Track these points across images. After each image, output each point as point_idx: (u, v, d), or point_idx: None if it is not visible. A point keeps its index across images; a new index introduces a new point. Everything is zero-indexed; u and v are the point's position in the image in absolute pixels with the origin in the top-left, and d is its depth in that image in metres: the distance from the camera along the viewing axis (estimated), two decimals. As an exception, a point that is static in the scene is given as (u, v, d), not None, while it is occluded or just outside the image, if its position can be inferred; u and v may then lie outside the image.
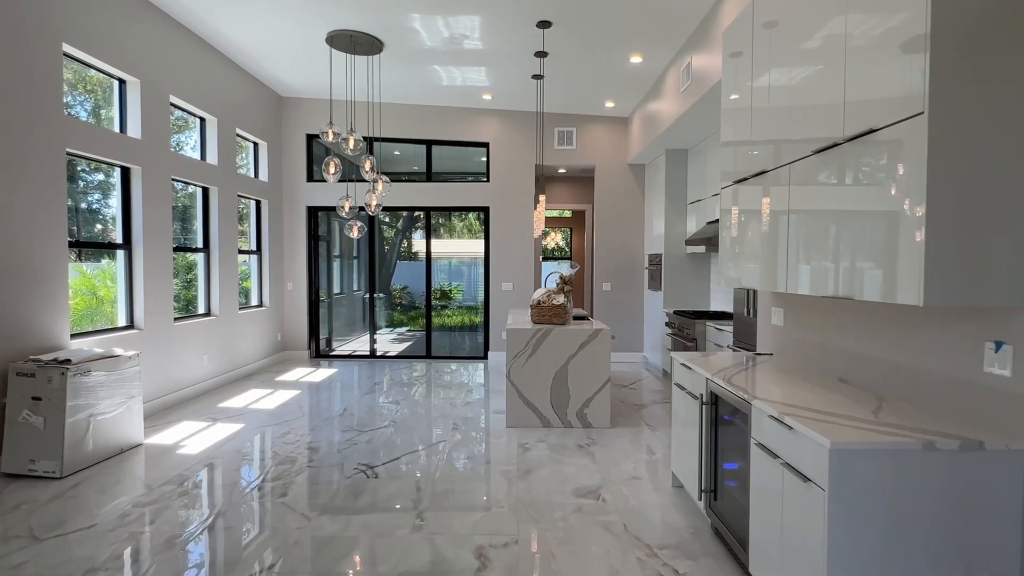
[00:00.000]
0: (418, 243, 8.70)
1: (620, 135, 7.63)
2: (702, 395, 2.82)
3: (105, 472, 3.56)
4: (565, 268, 4.98)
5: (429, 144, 7.77)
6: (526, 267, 7.70)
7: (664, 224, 6.69)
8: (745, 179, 3.00)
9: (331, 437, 4.33)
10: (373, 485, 3.40)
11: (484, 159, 7.79)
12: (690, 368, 3.02)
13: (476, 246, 8.32)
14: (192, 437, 4.30)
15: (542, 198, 4.97)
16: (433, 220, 8.06)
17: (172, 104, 5.36)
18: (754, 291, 4.00)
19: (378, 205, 5.62)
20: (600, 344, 4.57)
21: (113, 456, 3.83)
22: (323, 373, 6.86)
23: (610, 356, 4.59)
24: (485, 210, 7.78)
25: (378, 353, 8.04)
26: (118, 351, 3.99)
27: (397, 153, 8.17)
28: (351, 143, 5.18)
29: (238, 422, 4.72)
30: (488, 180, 7.71)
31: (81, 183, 4.66)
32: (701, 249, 6.09)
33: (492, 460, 3.85)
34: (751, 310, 4.03)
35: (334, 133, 5.16)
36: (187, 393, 5.43)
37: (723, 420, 2.68)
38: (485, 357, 7.85)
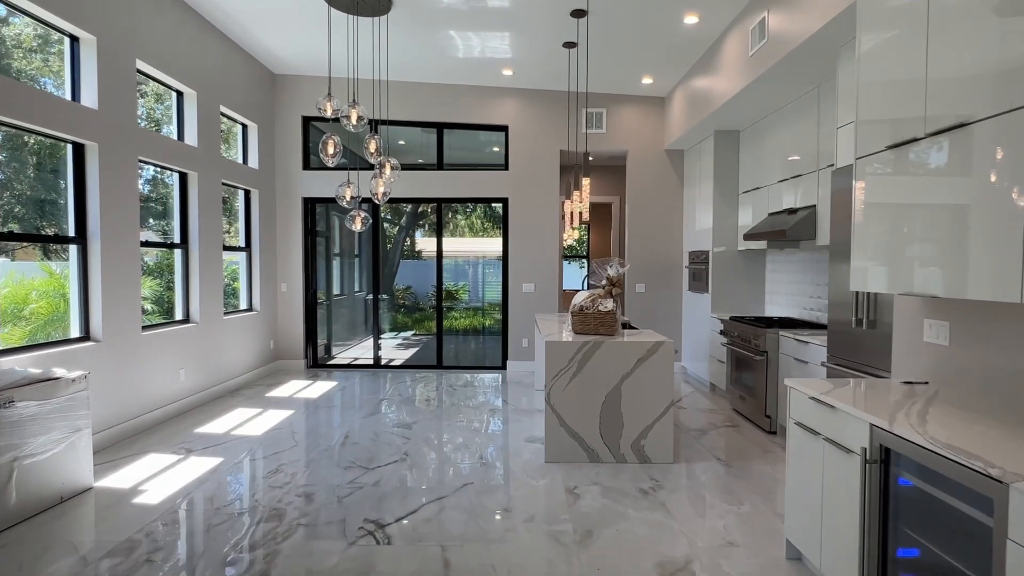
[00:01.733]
0: (422, 241, 7.84)
1: (656, 117, 6.77)
2: (864, 450, 1.96)
3: (31, 535, 2.71)
4: (614, 266, 4.14)
5: (440, 128, 6.91)
6: (549, 266, 6.84)
7: (712, 217, 5.83)
8: (906, 143, 2.14)
9: (330, 477, 3.48)
10: (386, 556, 2.54)
11: (502, 145, 6.93)
12: (832, 407, 2.16)
13: (488, 244, 7.48)
14: (157, 477, 3.45)
15: (586, 182, 4.11)
16: (444, 215, 7.19)
17: (140, 72, 4.50)
18: (871, 295, 3.14)
19: (385, 193, 4.76)
20: (661, 360, 3.71)
21: (49, 509, 2.97)
22: (321, 387, 6.01)
23: (673, 375, 3.73)
24: (503, 202, 6.92)
25: (383, 361, 7.18)
26: (58, 372, 3.13)
27: (403, 143, 7.32)
28: (353, 117, 4.32)
29: (217, 454, 3.86)
30: (507, 168, 6.86)
31: (21, 163, 3.81)
32: (761, 245, 5.24)
33: (537, 514, 2.99)
34: (865, 319, 3.17)
35: (333, 107, 4.30)
36: (158, 416, 4.57)
37: (901, 486, 1.83)
38: (503, 367, 6.99)
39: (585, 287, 5.25)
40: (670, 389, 3.71)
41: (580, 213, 4.73)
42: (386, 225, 7.82)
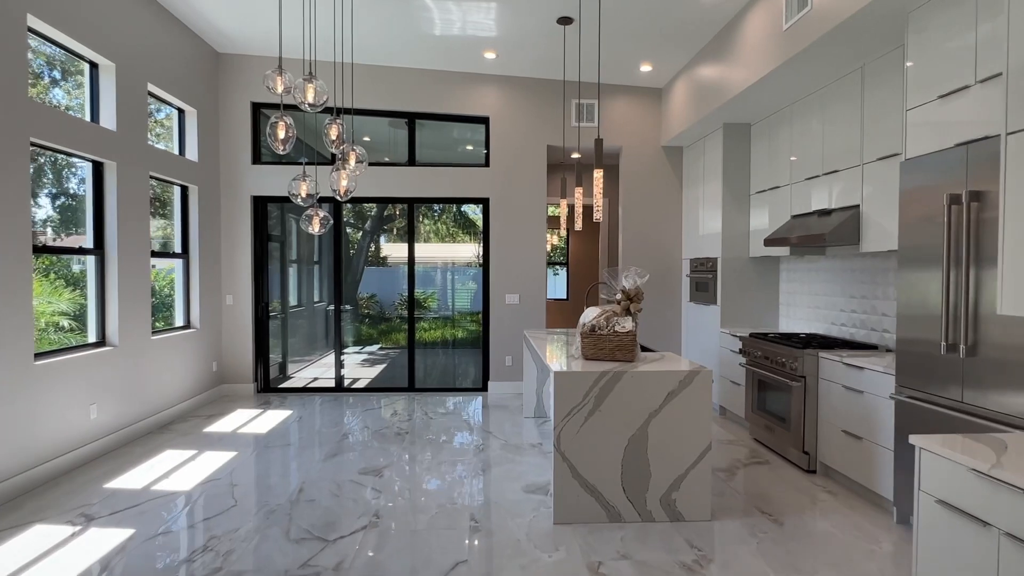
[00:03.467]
0: (388, 247, 6.99)
1: (652, 110, 6.14)
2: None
3: None
4: (631, 276, 3.43)
5: (412, 119, 6.11)
6: (535, 276, 6.11)
7: (721, 220, 5.20)
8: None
9: (276, 556, 2.63)
10: None
11: (482, 139, 6.17)
12: (1017, 487, 1.48)
13: (458, 249, 6.69)
14: (30, 568, 2.54)
15: (597, 175, 3.38)
16: (415, 217, 6.37)
17: (31, 30, 3.57)
18: (970, 311, 2.51)
19: (349, 190, 3.93)
20: (697, 393, 3.01)
21: None
22: (272, 418, 5.10)
23: (711, 411, 3.03)
24: (483, 202, 6.16)
25: (346, 382, 6.30)
26: None
27: (368, 139, 6.49)
28: (309, 95, 3.51)
29: (126, 522, 2.97)
30: (488, 165, 6.10)
31: None
32: (783, 251, 4.62)
33: (558, 611, 2.23)
34: (962, 343, 2.53)
35: (284, 83, 3.47)
36: (57, 467, 3.62)
37: None
38: (484, 388, 6.21)
39: (557, 290, 4.51)
40: (707, 429, 3.01)
41: (592, 208, 4.00)
42: (349, 230, 6.95)
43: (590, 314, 3.44)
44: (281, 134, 3.46)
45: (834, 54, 3.53)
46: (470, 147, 6.33)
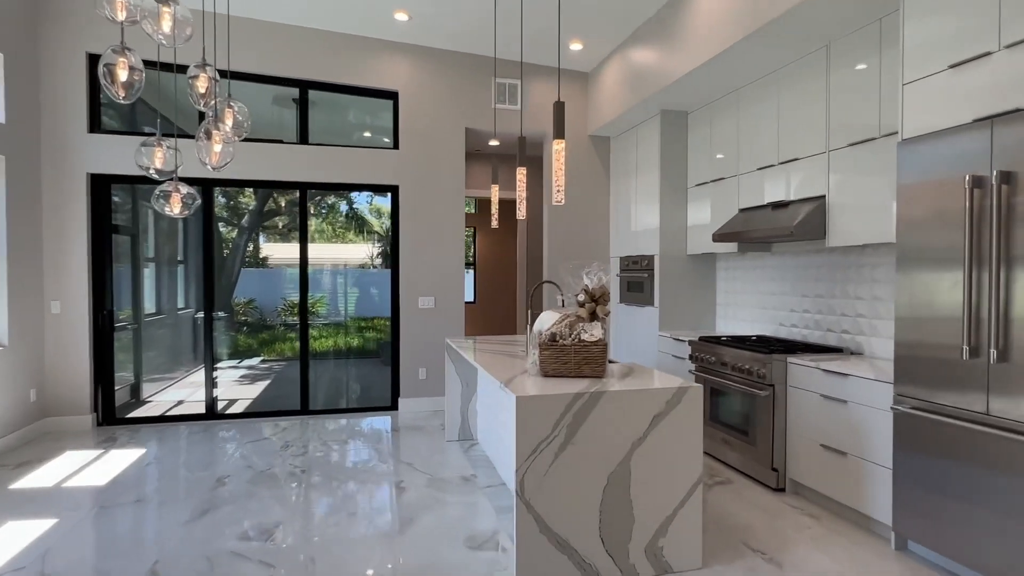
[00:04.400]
0: (269, 246, 5.89)
1: (579, 96, 5.65)
2: None
3: None
4: (594, 272, 2.83)
5: (304, 88, 5.13)
6: (453, 276, 5.37)
7: (659, 215, 4.81)
8: None
9: None
10: None
11: (390, 118, 5.33)
12: None
13: (350, 250, 5.81)
14: None
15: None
16: (306, 205, 5.36)
17: None
18: (1001, 311, 2.18)
19: (224, 160, 2.95)
20: (687, 413, 2.47)
21: None
22: (117, 461, 3.90)
23: (701, 434, 2.50)
24: (392, 190, 5.32)
25: (220, 405, 5.14)
26: None
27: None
28: (166, 22, 2.57)
29: None
30: (396, 147, 5.27)
31: None
32: (728, 248, 4.29)
33: None
34: (993, 347, 2.20)
35: (128, 7, 2.47)
36: None
37: None
38: (393, 406, 5.35)
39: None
40: (697, 457, 2.47)
41: (515, 203, 3.35)
42: (223, 227, 5.76)
43: (547, 320, 2.79)
44: (122, 75, 2.48)
45: (804, 27, 3.18)
46: (371, 132, 5.45)
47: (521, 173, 3.32)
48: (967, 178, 2.27)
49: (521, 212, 3.34)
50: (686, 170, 4.84)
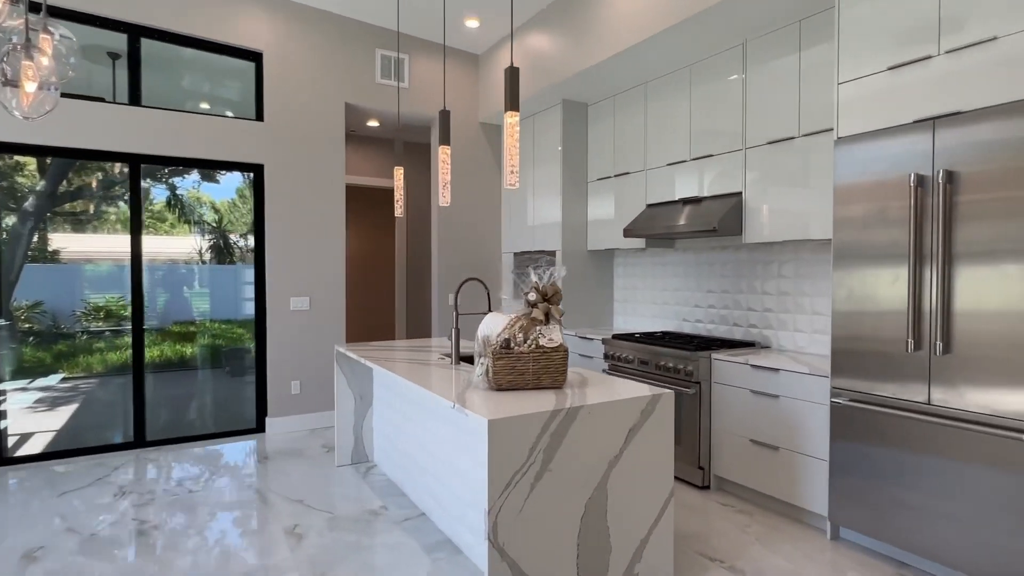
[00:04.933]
0: (62, 237, 4.63)
1: (470, 79, 5.26)
2: None
3: None
4: (544, 268, 2.49)
5: (136, 35, 4.05)
6: (332, 272, 4.67)
7: (561, 210, 4.62)
8: None
9: None
10: None
11: (251, 84, 4.45)
12: None
13: (182, 240, 4.83)
14: None
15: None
16: (97, 197, 4.26)
17: None
18: (944, 306, 2.26)
19: (42, 108, 2.07)
20: (660, 423, 2.24)
21: None
22: None
23: (672, 444, 2.29)
24: (255, 170, 4.45)
25: (9, 442, 3.87)
26: None
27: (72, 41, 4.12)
28: None
29: None
30: (261, 119, 4.42)
31: None
32: (629, 244, 4.24)
33: None
34: (936, 340, 2.29)
35: None
36: None
37: None
38: (259, 428, 4.50)
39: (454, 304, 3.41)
40: (669, 469, 2.26)
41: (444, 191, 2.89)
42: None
43: (494, 324, 2.39)
44: None
45: (725, 24, 3.17)
46: (227, 102, 4.50)
47: (445, 152, 2.86)
48: (911, 176, 2.34)
49: (445, 198, 2.89)
50: (587, 163, 4.72)
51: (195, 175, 4.39)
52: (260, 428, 4.48)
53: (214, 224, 4.60)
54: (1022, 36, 2.08)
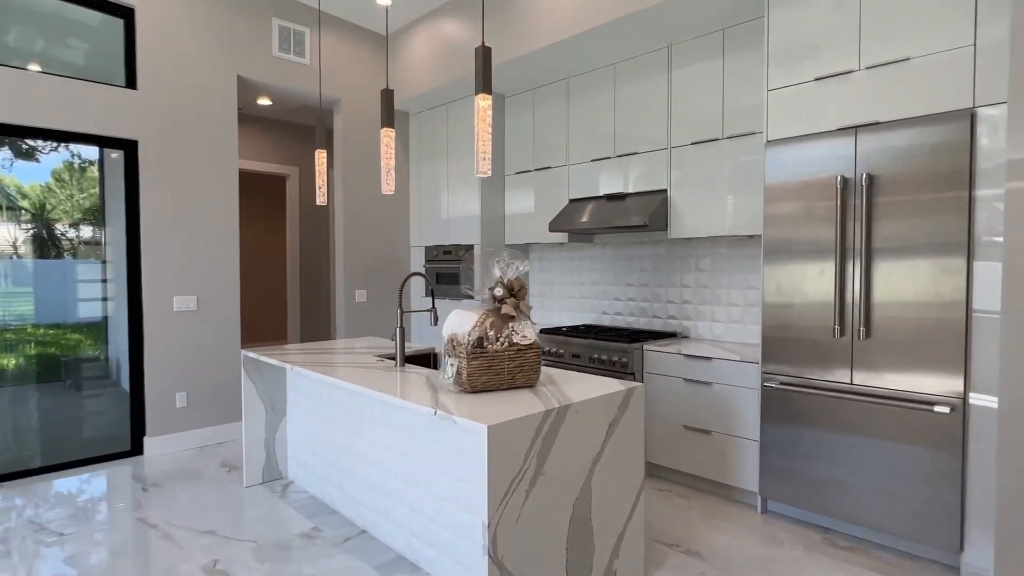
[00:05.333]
0: None
1: (374, 60, 4.93)
2: None
3: None
4: (507, 261, 2.37)
5: (-42, -31, 3.22)
6: (224, 268, 4.12)
7: (480, 203, 4.51)
8: None
9: None
10: None
11: (120, 44, 3.76)
12: None
13: None
14: None
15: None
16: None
17: None
18: (865, 298, 2.53)
19: None
20: (634, 416, 2.25)
21: None
22: None
23: (643, 435, 2.31)
24: (127, 147, 3.77)
25: None
26: None
27: None
28: None
29: None
30: (134, 87, 3.76)
31: None
32: (559, 238, 4.26)
33: None
34: (860, 328, 2.54)
35: None
36: None
37: None
38: (136, 450, 3.84)
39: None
40: (641, 461, 2.28)
41: (388, 178, 2.64)
42: None
43: (460, 322, 2.24)
44: None
45: (656, 26, 3.28)
46: (86, 62, 3.75)
47: (389, 135, 2.62)
48: (838, 179, 2.58)
49: (389, 186, 2.64)
50: (504, 156, 4.65)
51: (6, 152, 3.57)
52: (137, 450, 3.83)
53: (33, 210, 3.78)
54: (931, 58, 2.37)
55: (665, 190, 3.57)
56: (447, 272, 4.82)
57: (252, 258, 6.57)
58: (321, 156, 3.16)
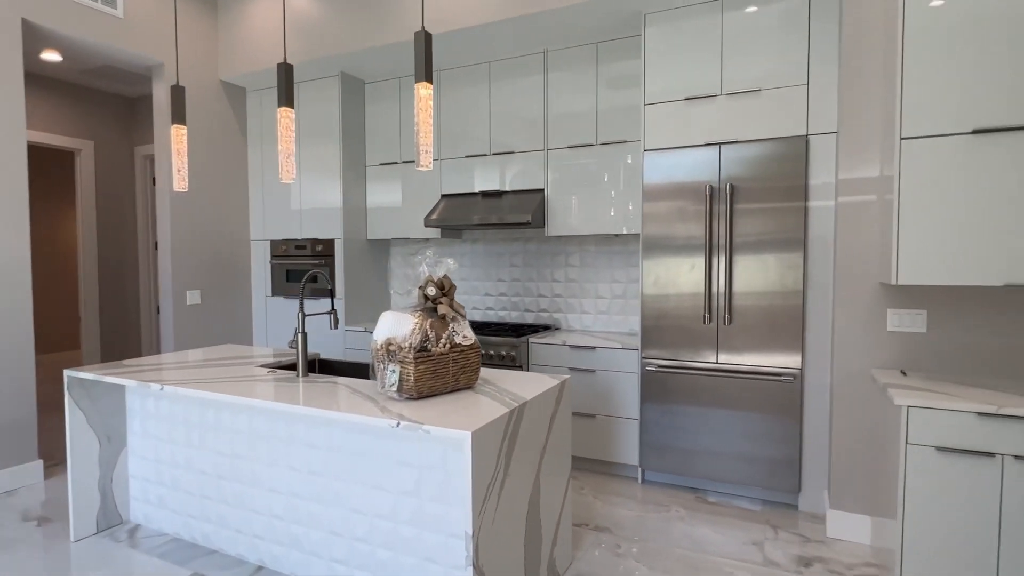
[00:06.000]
0: None
1: (206, 25, 4.24)
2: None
3: None
4: (435, 263, 2.23)
5: None
6: (13, 261, 3.20)
7: (342, 195, 4.19)
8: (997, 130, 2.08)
9: None
10: None
11: None
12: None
13: None
14: None
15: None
16: None
17: None
18: (729, 291, 2.97)
19: None
20: (566, 406, 2.34)
21: None
22: None
23: (570, 424, 2.42)
24: None
25: None
26: None
27: None
28: None
29: None
30: None
31: None
32: (432, 234, 4.17)
33: None
34: (726, 315, 2.98)
35: None
36: None
37: None
38: None
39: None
40: (568, 449, 2.39)
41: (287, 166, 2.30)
42: None
43: (396, 325, 2.09)
44: None
45: (532, 32, 3.41)
46: None
47: (288, 116, 2.28)
48: (707, 187, 2.99)
49: (290, 173, 2.32)
50: (365, 145, 4.39)
51: None
52: None
53: None
54: (776, 91, 2.88)
55: (542, 189, 3.74)
56: (299, 269, 4.39)
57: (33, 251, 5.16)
58: (179, 132, 2.64)
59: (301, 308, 2.43)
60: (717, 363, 3.04)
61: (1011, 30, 2.04)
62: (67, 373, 2.57)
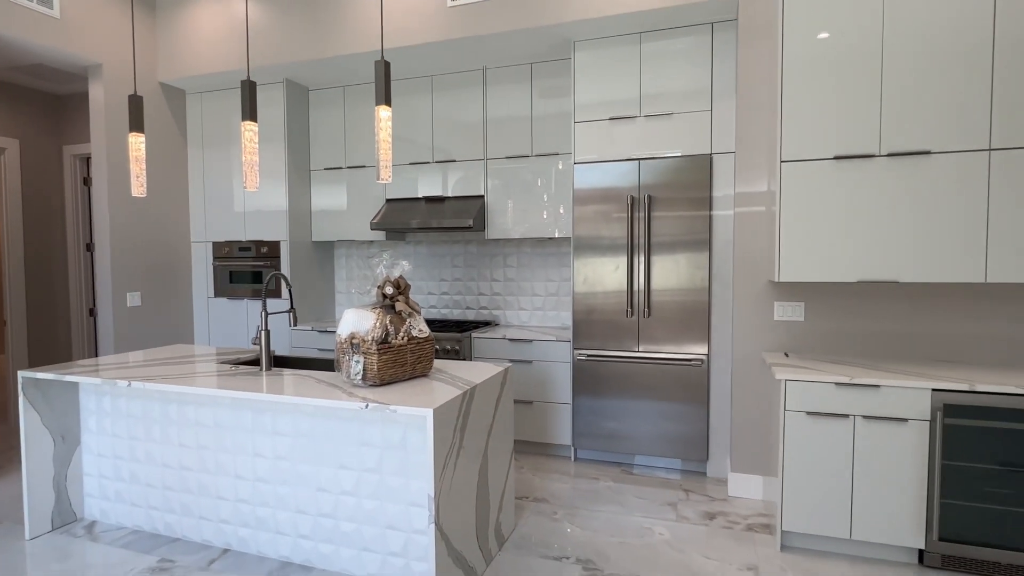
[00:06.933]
0: None
1: (144, 25, 4.24)
2: (932, 413, 2.30)
3: None
4: (391, 264, 2.47)
5: None
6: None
7: (288, 197, 4.32)
8: (855, 156, 2.59)
9: None
10: None
11: None
12: (876, 386, 2.37)
13: None
14: None
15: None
16: None
17: None
18: (646, 288, 3.40)
19: None
20: (509, 390, 2.66)
21: None
22: None
23: (513, 406, 2.74)
24: None
25: None
26: None
27: None
28: None
29: None
30: None
31: None
32: (376, 236, 4.38)
33: None
34: (645, 310, 3.40)
35: None
36: None
37: (961, 436, 2.32)
38: None
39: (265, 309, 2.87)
40: (511, 430, 2.71)
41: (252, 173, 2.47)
42: None
43: (359, 321, 2.33)
44: None
45: (470, 52, 3.72)
46: None
47: (251, 129, 2.46)
48: (628, 197, 3.40)
49: (253, 181, 2.50)
50: (309, 150, 4.53)
51: None
52: None
53: None
54: (685, 115, 3.33)
55: (483, 196, 4.05)
56: (244, 270, 4.47)
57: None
58: (137, 140, 2.74)
59: (264, 307, 2.61)
60: (638, 352, 3.46)
61: (862, 73, 2.55)
62: (22, 374, 2.63)
